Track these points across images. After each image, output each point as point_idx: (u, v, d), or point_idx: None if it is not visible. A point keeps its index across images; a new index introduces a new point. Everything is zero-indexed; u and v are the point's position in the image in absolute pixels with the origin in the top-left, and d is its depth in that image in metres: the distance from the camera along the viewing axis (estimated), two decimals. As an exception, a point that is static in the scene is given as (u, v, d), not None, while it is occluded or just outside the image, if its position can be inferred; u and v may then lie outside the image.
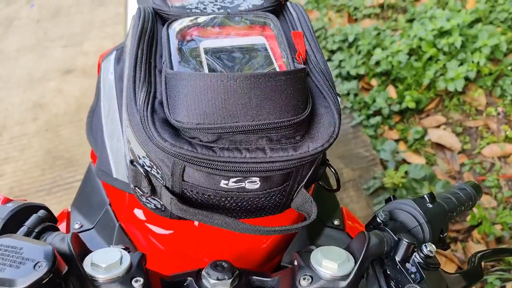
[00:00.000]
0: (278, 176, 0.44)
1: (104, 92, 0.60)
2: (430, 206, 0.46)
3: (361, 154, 1.64)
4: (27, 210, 0.42)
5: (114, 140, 0.55)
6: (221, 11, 0.54)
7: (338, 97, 0.46)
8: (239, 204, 0.46)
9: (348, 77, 1.89)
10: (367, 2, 2.21)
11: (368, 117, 1.74)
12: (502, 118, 1.70)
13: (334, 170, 0.49)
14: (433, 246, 0.41)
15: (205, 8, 0.55)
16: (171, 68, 0.44)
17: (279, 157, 0.41)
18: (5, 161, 1.82)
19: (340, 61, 1.93)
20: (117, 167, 0.54)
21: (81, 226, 0.60)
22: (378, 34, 2.02)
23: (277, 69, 0.47)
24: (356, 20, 2.20)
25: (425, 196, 0.47)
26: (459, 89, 1.70)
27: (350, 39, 1.97)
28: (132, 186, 0.47)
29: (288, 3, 0.59)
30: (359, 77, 1.89)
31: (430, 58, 1.83)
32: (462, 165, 1.60)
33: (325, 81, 0.47)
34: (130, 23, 0.54)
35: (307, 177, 0.46)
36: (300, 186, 0.47)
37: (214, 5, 0.55)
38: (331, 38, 2.03)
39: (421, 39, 1.85)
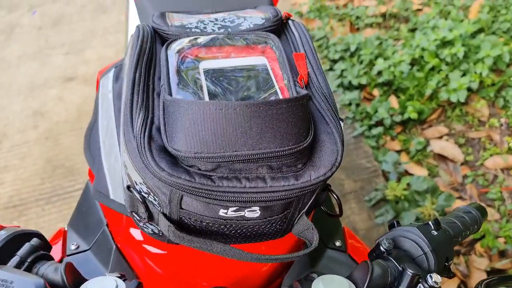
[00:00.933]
0: (279, 205, 0.43)
1: (102, 110, 0.59)
2: (435, 233, 0.45)
3: (362, 165, 1.63)
4: (20, 237, 0.41)
5: (111, 160, 0.54)
6: (222, 30, 0.53)
7: (340, 122, 0.45)
8: (239, 231, 0.45)
9: (350, 87, 1.88)
10: (369, 11, 2.21)
11: (370, 127, 1.72)
12: (505, 129, 1.68)
13: (336, 196, 0.48)
14: (439, 276, 0.40)
15: (205, 28, 0.53)
16: (170, 92, 0.42)
17: (280, 186, 0.39)
18: (5, 169, 1.81)
19: (342, 70, 1.92)
20: (115, 189, 0.53)
21: (78, 247, 0.58)
22: (380, 43, 2.01)
23: (278, 92, 0.46)
24: (358, 29, 2.20)
25: (430, 223, 0.46)
26: (462, 100, 1.68)
27: (352, 48, 1.96)
28: (129, 210, 0.46)
29: (289, 22, 0.58)
30: (361, 87, 1.88)
31: (433, 69, 1.82)
32: (465, 176, 1.59)
33: (327, 106, 0.46)
34: (129, 41, 0.53)
35: (308, 204, 0.45)
36: (301, 213, 0.45)
37: (215, 24, 0.54)
38: (333, 47, 2.02)
39: (423, 49, 1.84)
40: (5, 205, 1.68)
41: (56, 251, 0.59)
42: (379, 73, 1.87)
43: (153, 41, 0.51)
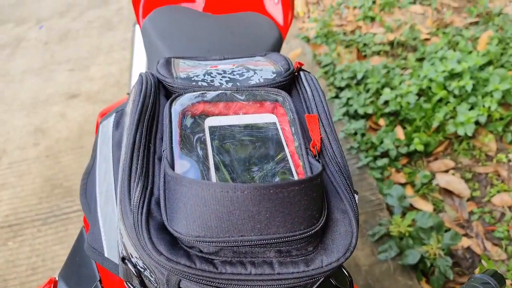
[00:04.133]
0: None
1: (101, 157, 0.56)
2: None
3: (367, 198, 1.59)
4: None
5: (108, 212, 0.51)
6: (230, 84, 0.50)
7: (355, 196, 0.42)
8: None
9: (355, 116, 1.86)
10: (377, 39, 2.20)
11: (375, 158, 1.69)
12: (513, 165, 1.65)
13: (347, 273, 0.44)
14: None
15: (212, 81, 0.50)
16: (172, 159, 0.39)
17: (289, 274, 0.36)
18: (3, 187, 1.78)
19: (348, 98, 1.90)
20: (110, 246, 0.49)
21: None
22: (388, 72, 1.99)
23: (289, 158, 0.42)
24: (365, 56, 2.18)
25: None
26: (469, 134, 1.66)
27: (359, 76, 1.94)
28: (123, 279, 0.43)
29: (301, 74, 0.55)
30: (366, 116, 1.85)
31: (440, 100, 1.80)
32: (471, 213, 1.55)
33: (341, 178, 0.42)
34: (132, 89, 0.50)
35: (317, 284, 0.41)
36: None
37: (223, 77, 0.51)
38: (339, 74, 2.01)
39: (431, 80, 1.82)
40: (0, 224, 1.65)
41: (45, 304, 0.55)
42: (386, 102, 1.85)
43: (157, 94, 0.49)
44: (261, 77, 0.51)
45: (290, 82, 0.53)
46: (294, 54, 2.23)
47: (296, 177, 0.41)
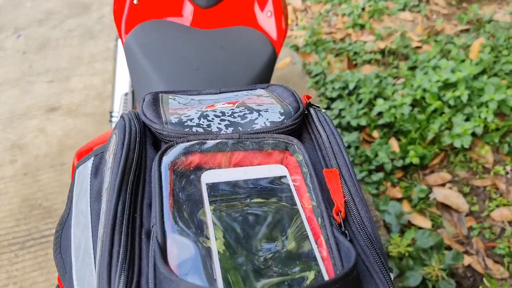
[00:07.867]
0: None
1: (77, 211, 0.47)
2: None
3: (363, 215, 1.53)
4: None
5: (85, 282, 0.43)
6: (231, 129, 0.42)
7: (391, 275, 0.34)
8: None
9: (348, 128, 1.79)
10: (368, 47, 2.14)
11: (370, 172, 1.63)
12: (511, 178, 1.61)
13: None
14: None
15: (209, 125, 0.42)
16: (163, 237, 0.31)
17: None
18: (-23, 209, 1.67)
19: (340, 110, 1.84)
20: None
21: None
22: (380, 81, 1.93)
23: (305, 222, 0.35)
24: (356, 65, 2.13)
25: None
26: (466, 146, 1.61)
27: (351, 86, 1.88)
28: None
29: (311, 112, 0.46)
30: (360, 128, 1.79)
31: (435, 111, 1.75)
32: (470, 228, 1.50)
33: (374, 255, 0.35)
34: (112, 138, 0.42)
35: None
36: None
37: (221, 120, 0.42)
38: (331, 84, 1.94)
39: (425, 90, 1.77)
40: (-26, 250, 1.54)
41: None
42: (379, 113, 1.79)
43: (143, 144, 0.40)
44: (267, 119, 0.43)
45: (300, 124, 0.45)
46: (283, 64, 2.17)
47: (317, 254, 0.33)
